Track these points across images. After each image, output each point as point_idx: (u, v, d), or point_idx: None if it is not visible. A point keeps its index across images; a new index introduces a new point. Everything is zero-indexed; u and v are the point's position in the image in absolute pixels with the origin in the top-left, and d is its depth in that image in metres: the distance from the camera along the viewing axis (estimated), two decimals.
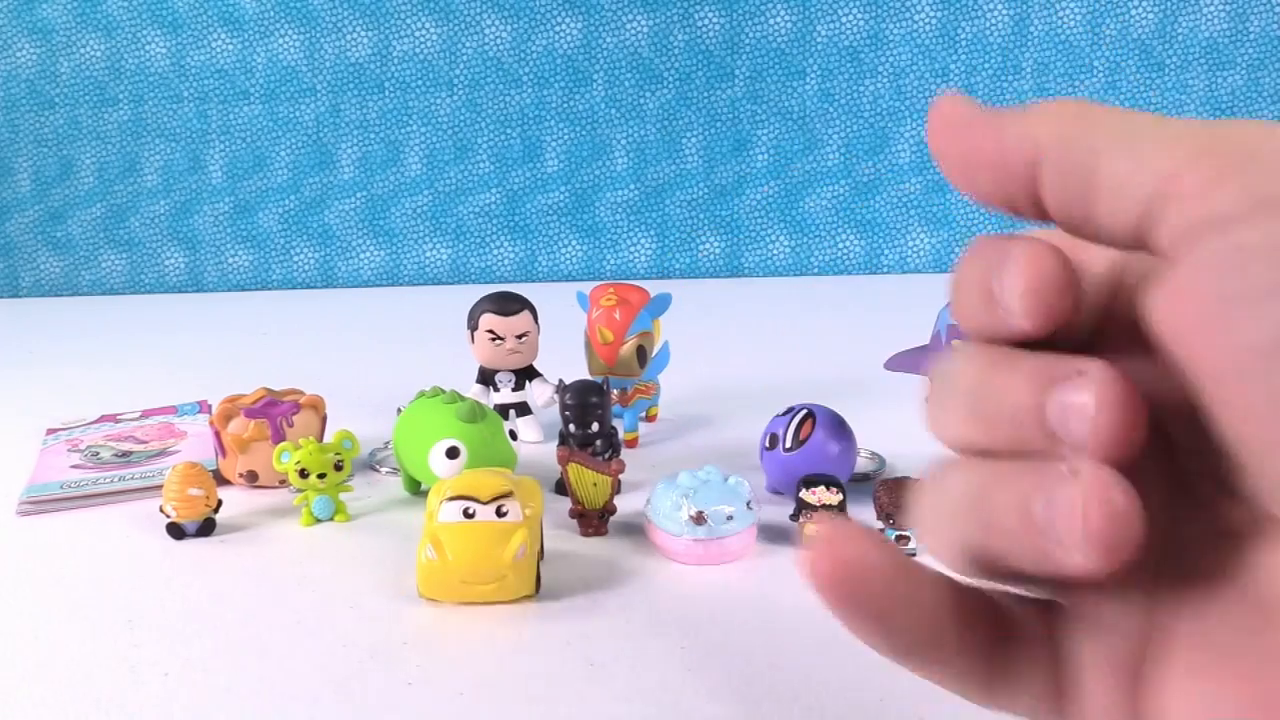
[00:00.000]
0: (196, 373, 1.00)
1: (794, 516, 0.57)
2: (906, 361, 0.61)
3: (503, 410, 0.76)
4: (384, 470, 0.71)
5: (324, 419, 0.70)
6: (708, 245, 1.45)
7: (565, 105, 1.42)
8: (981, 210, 1.43)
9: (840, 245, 1.45)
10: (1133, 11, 1.37)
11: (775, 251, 1.45)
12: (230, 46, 1.40)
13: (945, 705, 0.43)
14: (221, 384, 0.78)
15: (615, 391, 0.73)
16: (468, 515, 0.52)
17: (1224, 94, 1.38)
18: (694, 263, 1.46)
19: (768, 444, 0.65)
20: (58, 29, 1.39)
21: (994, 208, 0.19)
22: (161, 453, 0.75)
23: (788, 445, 0.63)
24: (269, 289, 1.46)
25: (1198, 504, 0.18)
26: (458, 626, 0.50)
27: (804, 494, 0.57)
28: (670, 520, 0.56)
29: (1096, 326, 0.19)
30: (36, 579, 0.57)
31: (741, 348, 1.06)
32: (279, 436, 0.66)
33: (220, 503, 0.62)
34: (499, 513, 0.52)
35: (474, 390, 0.77)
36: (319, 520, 0.63)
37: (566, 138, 1.43)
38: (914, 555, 0.56)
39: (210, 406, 0.80)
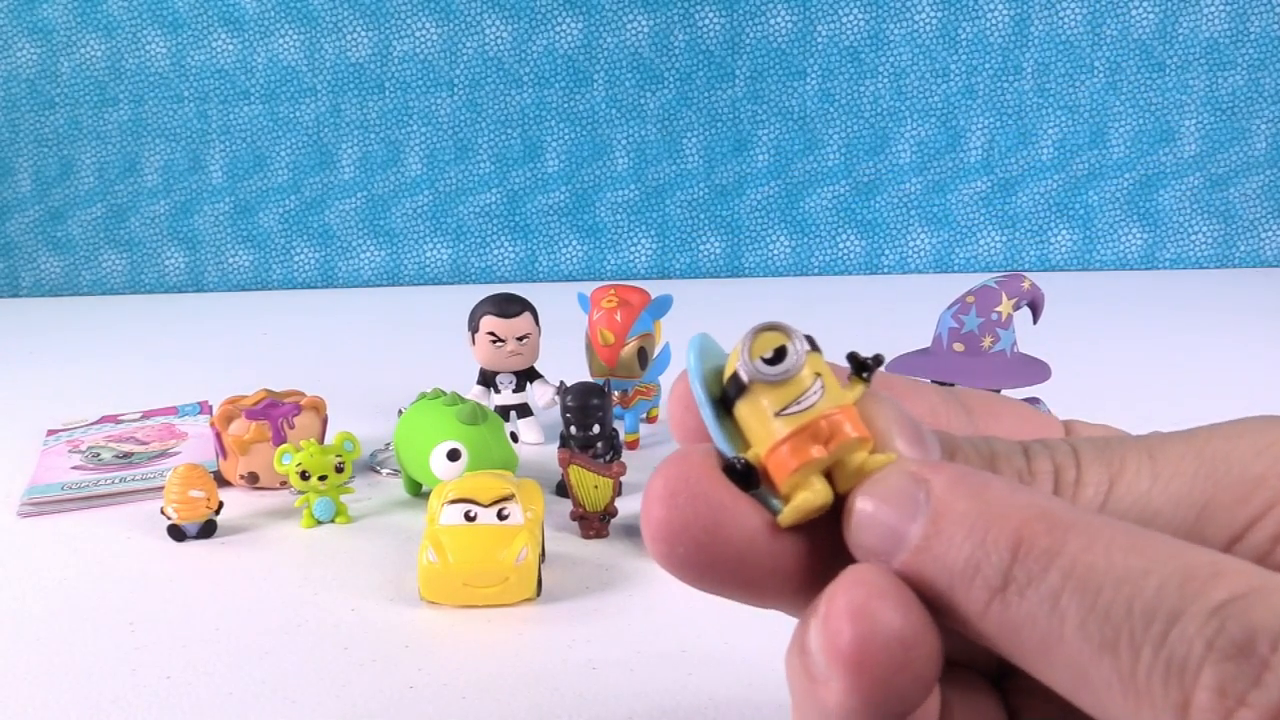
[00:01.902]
0: (197, 373, 1.00)
1: None
2: (908, 365, 0.61)
3: (504, 412, 0.76)
4: (385, 472, 0.71)
5: (325, 420, 0.70)
6: (708, 245, 1.45)
7: (566, 105, 1.42)
8: (981, 211, 1.43)
9: (841, 245, 1.45)
10: (1133, 12, 1.37)
11: (776, 252, 1.45)
12: (230, 46, 1.40)
13: None
14: (222, 384, 0.78)
15: (616, 393, 0.73)
16: (469, 518, 0.52)
17: (1224, 94, 1.38)
18: (694, 263, 1.46)
19: None
20: (58, 29, 1.39)
21: None
22: (162, 454, 0.75)
23: None
24: (269, 289, 1.46)
25: None
26: (459, 629, 0.50)
27: None
28: None
29: None
30: (37, 581, 0.57)
31: None
32: (280, 438, 0.66)
33: (221, 504, 0.62)
34: (500, 515, 0.52)
35: (475, 392, 0.77)
36: (320, 522, 0.63)
37: (567, 138, 1.43)
38: None
39: (211, 407, 0.80)
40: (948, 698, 0.17)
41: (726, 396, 0.17)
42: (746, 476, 0.16)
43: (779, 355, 0.16)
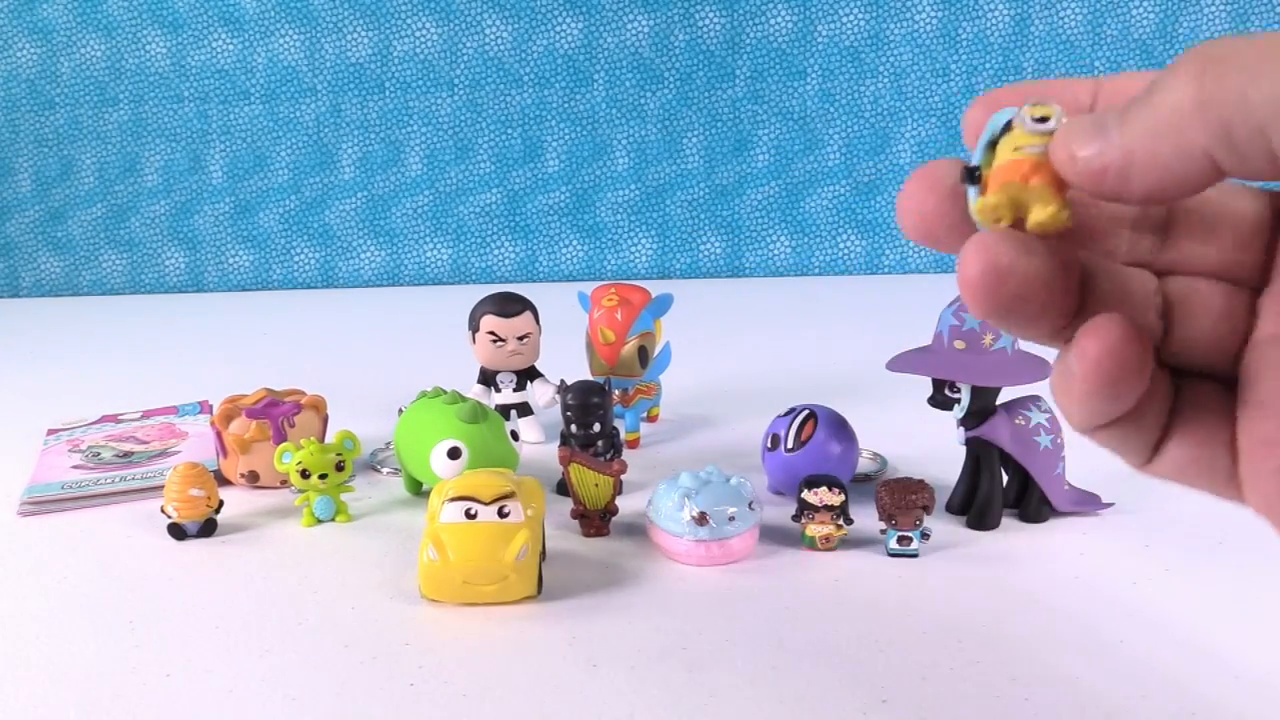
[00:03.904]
0: (197, 373, 1.00)
1: (796, 517, 0.57)
2: (909, 362, 0.61)
3: (504, 411, 0.75)
4: (385, 471, 0.71)
5: (325, 419, 0.70)
6: (708, 245, 1.45)
7: (566, 105, 1.42)
8: None
9: (841, 245, 1.45)
10: (1133, 12, 1.37)
11: (776, 252, 1.45)
12: (231, 46, 1.40)
13: (947, 700, 0.43)
14: (222, 384, 0.78)
15: (617, 392, 0.73)
16: (470, 516, 0.52)
17: None
18: (695, 263, 1.46)
19: (769, 444, 0.65)
20: (58, 29, 1.39)
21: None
22: (162, 453, 0.75)
23: (789, 446, 0.63)
24: (270, 289, 1.46)
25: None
26: (460, 627, 0.50)
27: (806, 494, 0.57)
28: (672, 521, 0.56)
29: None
30: (38, 580, 0.57)
31: (742, 348, 1.06)
32: (280, 437, 0.66)
33: (221, 503, 0.62)
34: (501, 513, 0.52)
35: (475, 391, 0.77)
36: (320, 521, 0.63)
37: (567, 138, 1.43)
38: (916, 556, 0.56)
39: (211, 407, 0.80)
40: (1180, 403, 0.22)
41: (995, 140, 0.24)
42: (971, 174, 0.23)
43: (1044, 118, 0.22)
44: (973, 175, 0.24)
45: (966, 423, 0.60)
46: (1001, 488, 0.61)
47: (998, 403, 0.60)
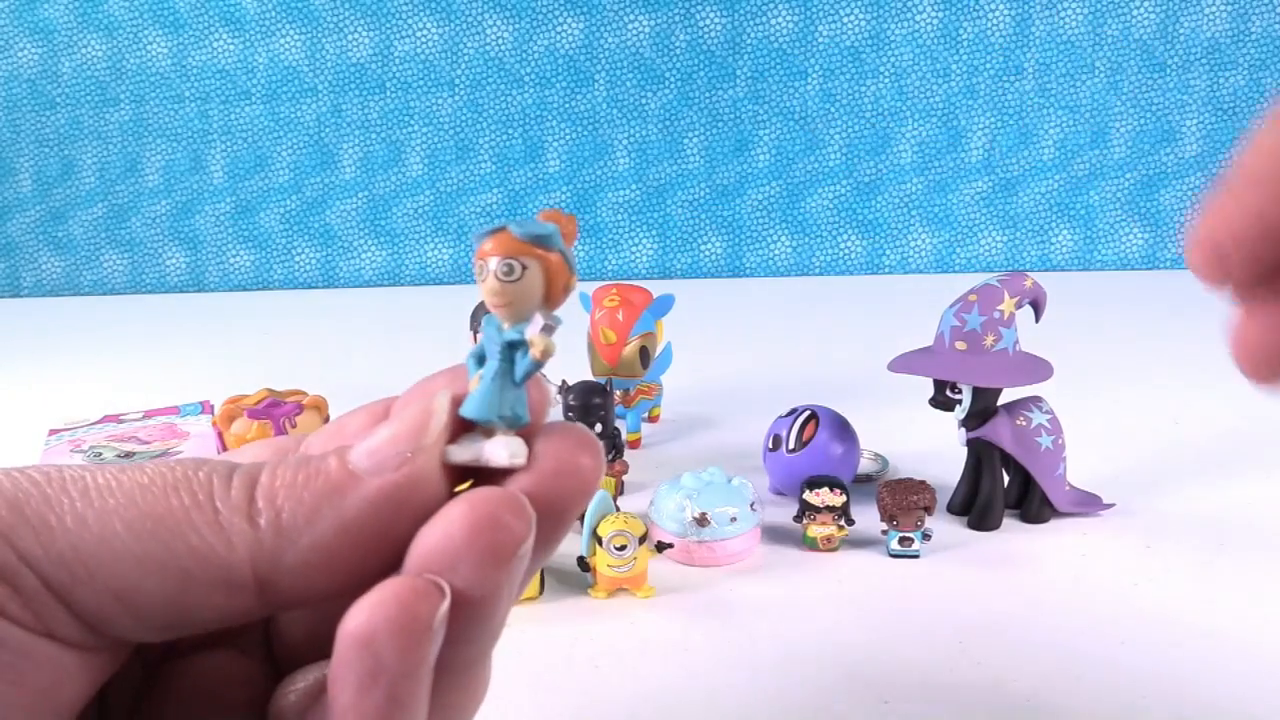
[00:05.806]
0: (198, 373, 1.00)
1: (797, 518, 0.57)
2: (910, 363, 0.61)
3: None
4: None
5: (326, 420, 0.70)
6: (709, 245, 1.45)
7: (567, 105, 1.42)
8: (982, 211, 1.43)
9: (842, 246, 1.45)
10: (1134, 12, 1.37)
11: (777, 252, 1.45)
12: (232, 46, 1.40)
13: (950, 702, 0.43)
14: (223, 384, 0.78)
15: (618, 392, 0.73)
16: None
17: (1225, 94, 1.38)
18: (696, 263, 1.46)
19: (770, 445, 0.65)
20: (59, 29, 1.39)
21: None
22: (164, 453, 0.75)
23: (791, 446, 0.63)
24: (270, 289, 1.46)
25: None
26: None
27: (807, 495, 0.57)
28: (673, 521, 0.56)
29: None
30: None
31: (744, 348, 1.06)
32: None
33: None
34: None
35: None
36: None
37: (568, 138, 1.43)
38: (917, 557, 0.56)
39: (213, 407, 0.80)
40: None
41: (599, 538, 0.50)
42: (582, 563, 0.49)
43: (622, 547, 0.50)
44: (584, 564, 0.51)
45: (968, 423, 0.60)
46: (1003, 489, 0.61)
47: (999, 403, 0.60)
